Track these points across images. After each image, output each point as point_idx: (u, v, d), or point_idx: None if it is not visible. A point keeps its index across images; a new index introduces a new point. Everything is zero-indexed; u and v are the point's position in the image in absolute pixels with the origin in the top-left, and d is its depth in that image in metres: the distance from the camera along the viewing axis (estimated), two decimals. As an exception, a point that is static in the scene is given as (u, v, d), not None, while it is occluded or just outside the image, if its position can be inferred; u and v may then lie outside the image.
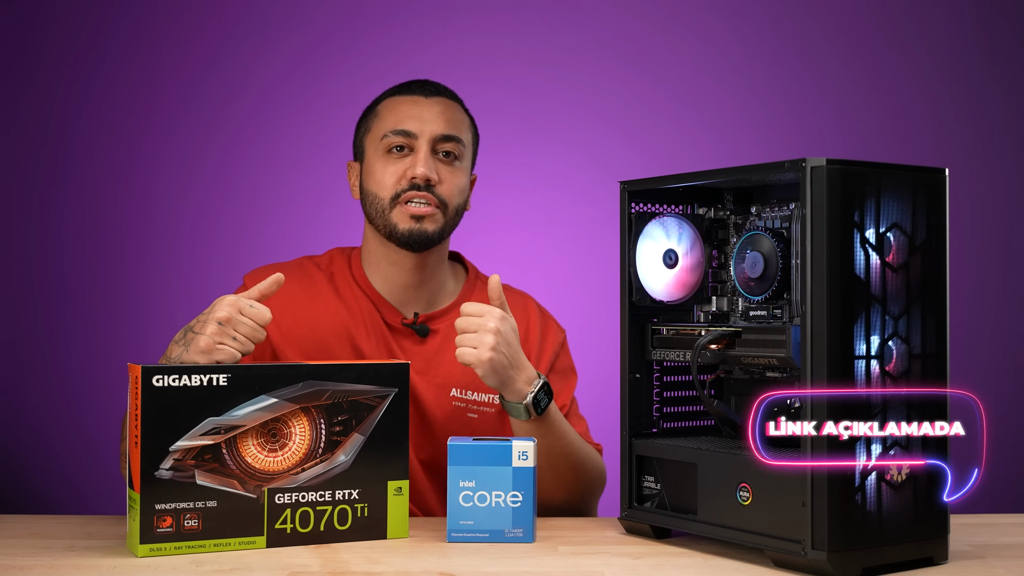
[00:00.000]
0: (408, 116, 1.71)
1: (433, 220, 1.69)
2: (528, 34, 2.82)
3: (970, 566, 1.35)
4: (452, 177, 1.71)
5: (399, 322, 1.73)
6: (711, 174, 1.44)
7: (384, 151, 1.71)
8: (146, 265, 2.74)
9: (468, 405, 1.73)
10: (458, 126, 1.74)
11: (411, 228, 1.68)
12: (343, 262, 1.79)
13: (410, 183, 1.68)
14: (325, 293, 1.74)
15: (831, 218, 1.28)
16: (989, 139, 2.88)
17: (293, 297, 1.73)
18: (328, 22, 2.79)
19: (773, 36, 2.87)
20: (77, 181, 2.73)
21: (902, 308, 1.33)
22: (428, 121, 1.70)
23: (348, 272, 1.77)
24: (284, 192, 2.76)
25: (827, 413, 1.26)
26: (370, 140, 1.74)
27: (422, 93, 1.74)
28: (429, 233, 1.69)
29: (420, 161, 1.68)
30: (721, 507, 1.39)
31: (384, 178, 1.70)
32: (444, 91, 1.77)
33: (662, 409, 1.56)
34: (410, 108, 1.72)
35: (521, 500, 1.44)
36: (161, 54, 2.75)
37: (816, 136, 2.84)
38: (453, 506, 1.44)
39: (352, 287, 1.75)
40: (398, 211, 1.68)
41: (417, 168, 1.67)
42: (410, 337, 1.73)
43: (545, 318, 1.85)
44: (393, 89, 1.78)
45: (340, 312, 1.72)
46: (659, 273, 1.52)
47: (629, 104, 2.84)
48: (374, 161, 1.72)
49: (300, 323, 1.71)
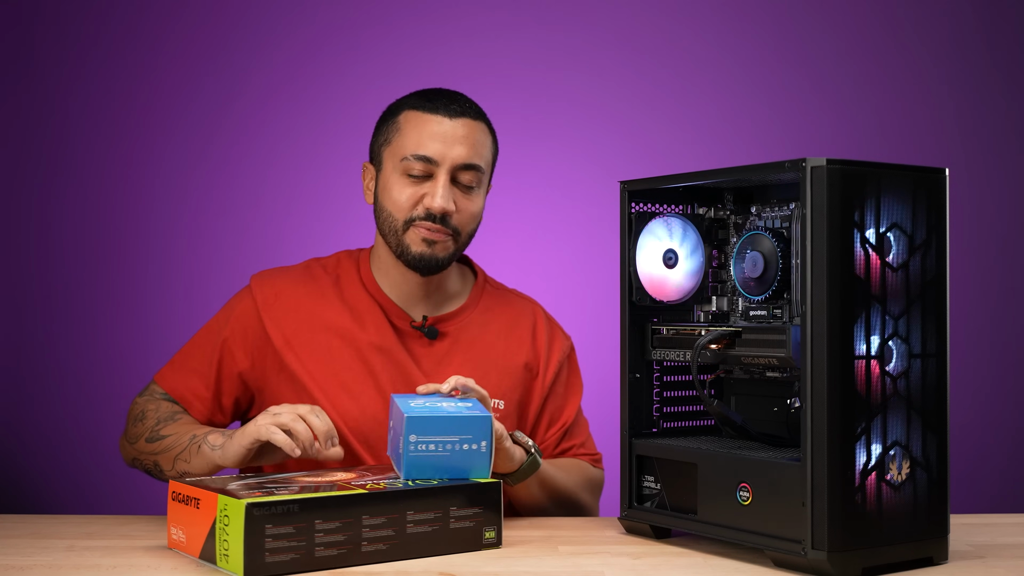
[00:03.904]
0: (431, 138, 1.65)
1: (444, 247, 1.68)
2: (528, 34, 2.82)
3: (970, 566, 1.35)
4: (468, 206, 1.69)
5: (408, 325, 1.73)
6: (711, 174, 1.44)
7: (403, 172, 1.67)
8: (146, 265, 2.74)
9: None
10: (480, 151, 1.69)
11: (422, 252, 1.67)
12: (351, 265, 1.77)
13: (426, 212, 1.65)
14: (329, 296, 1.73)
15: (831, 218, 1.28)
16: (989, 139, 2.88)
17: (297, 301, 1.72)
18: (328, 22, 2.79)
19: (773, 36, 2.87)
20: (77, 181, 2.73)
21: (902, 308, 1.33)
22: (450, 147, 1.65)
23: (356, 275, 1.76)
24: (284, 192, 2.76)
25: (827, 413, 1.27)
26: (389, 154, 1.70)
27: (447, 113, 1.67)
28: (440, 259, 1.68)
29: (438, 194, 1.64)
30: (721, 507, 1.39)
31: (400, 199, 1.67)
32: (469, 110, 1.69)
33: (662, 409, 1.56)
34: (434, 129, 1.66)
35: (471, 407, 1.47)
36: (161, 54, 2.75)
37: (816, 136, 2.84)
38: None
39: (359, 290, 1.74)
40: (411, 233, 1.67)
41: (435, 201, 1.64)
42: (419, 340, 1.73)
43: (552, 325, 1.84)
44: (417, 98, 1.71)
45: (344, 316, 1.72)
46: (659, 273, 1.53)
47: (629, 104, 2.84)
48: (391, 178, 1.69)
49: (303, 328, 1.70)
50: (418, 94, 1.72)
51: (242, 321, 1.72)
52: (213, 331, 1.74)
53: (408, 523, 1.35)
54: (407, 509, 1.35)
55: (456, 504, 1.39)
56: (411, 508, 1.35)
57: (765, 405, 1.50)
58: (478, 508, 1.40)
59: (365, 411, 1.67)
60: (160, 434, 1.63)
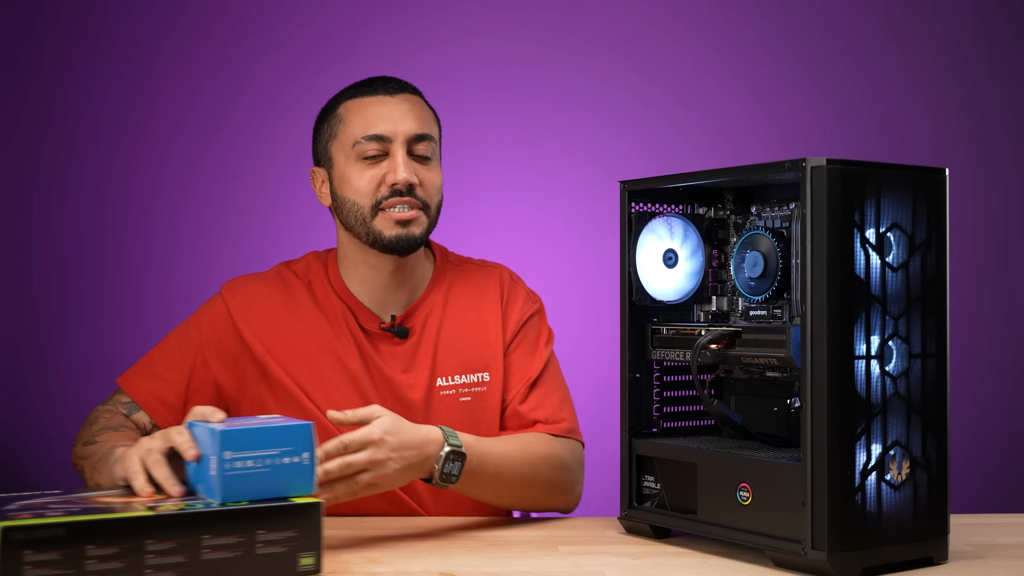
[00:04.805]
0: (377, 118, 1.66)
1: (418, 223, 1.66)
2: (528, 34, 2.82)
3: (970, 566, 1.35)
4: (430, 177, 1.67)
5: (376, 327, 1.71)
6: (711, 174, 1.44)
7: (357, 157, 1.66)
8: (146, 265, 2.74)
9: (458, 390, 1.70)
10: (428, 123, 1.69)
11: (398, 234, 1.64)
12: (319, 268, 1.75)
13: (391, 189, 1.64)
14: (305, 304, 1.71)
15: (831, 218, 1.28)
16: (989, 139, 2.88)
17: (273, 310, 1.70)
18: (328, 22, 2.79)
19: (773, 36, 2.87)
20: (77, 181, 2.73)
21: (902, 308, 1.33)
22: (399, 122, 1.66)
23: (325, 279, 1.73)
24: (284, 192, 2.76)
25: (827, 413, 1.27)
26: (338, 146, 1.68)
27: (386, 92, 1.68)
28: (416, 236, 1.66)
29: (399, 167, 1.63)
30: (721, 507, 1.39)
31: (361, 185, 1.65)
32: (407, 87, 1.71)
33: (662, 409, 1.56)
34: (378, 109, 1.67)
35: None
36: (161, 54, 2.75)
37: (816, 136, 2.85)
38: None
39: (329, 294, 1.72)
40: (381, 218, 1.65)
41: (398, 174, 1.63)
42: (389, 340, 1.71)
43: (514, 289, 1.79)
44: (351, 89, 1.72)
45: (321, 323, 1.70)
46: (659, 273, 1.53)
47: (629, 104, 2.84)
48: (347, 168, 1.67)
49: (281, 336, 1.69)
50: (351, 86, 1.73)
51: (216, 329, 1.69)
52: (184, 338, 1.70)
53: (204, 549, 1.18)
54: (202, 534, 1.18)
55: (264, 527, 1.21)
56: (207, 532, 1.18)
57: (765, 405, 1.50)
58: (292, 531, 1.23)
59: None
60: (95, 439, 1.58)
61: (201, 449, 1.29)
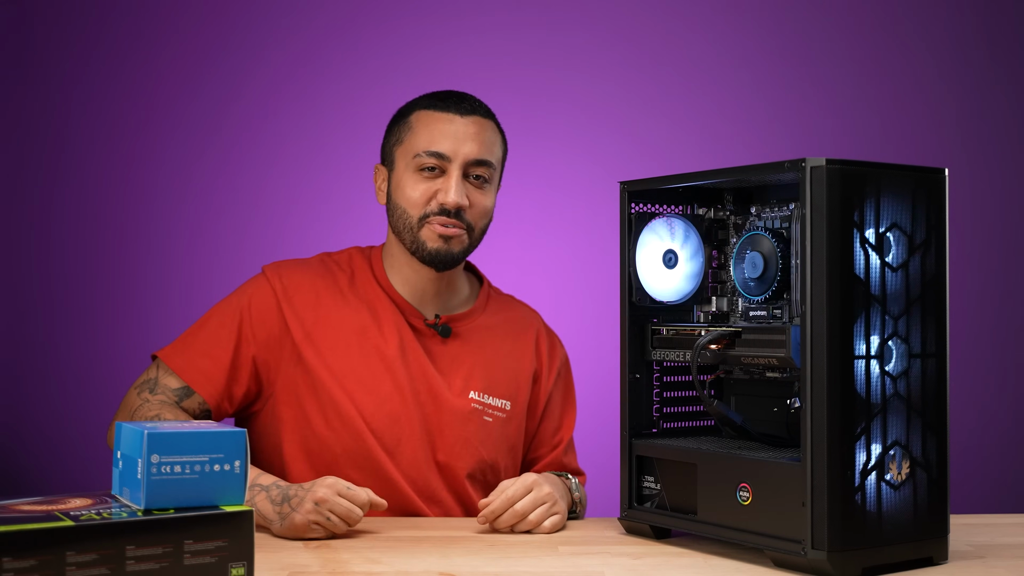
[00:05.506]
0: (442, 136, 1.69)
1: (459, 241, 1.70)
2: (528, 34, 2.82)
3: (970, 566, 1.35)
4: (480, 200, 1.71)
5: (422, 323, 1.74)
6: (711, 174, 1.44)
7: (416, 168, 1.70)
8: (146, 265, 2.74)
9: (485, 408, 1.74)
10: (491, 148, 1.73)
11: (438, 248, 1.68)
12: (363, 263, 1.78)
13: (440, 207, 1.68)
14: (347, 293, 1.74)
15: (831, 218, 1.28)
16: (989, 139, 2.88)
17: (317, 295, 1.73)
18: (328, 22, 2.79)
19: (773, 36, 2.87)
20: (77, 181, 2.73)
21: (902, 308, 1.33)
22: (462, 143, 1.69)
23: (369, 273, 1.77)
24: (284, 192, 2.76)
25: (827, 413, 1.27)
26: (401, 153, 1.72)
27: (457, 111, 1.71)
28: (455, 254, 1.70)
29: (451, 189, 1.67)
30: (721, 507, 1.39)
31: (414, 196, 1.69)
32: (479, 109, 1.74)
33: (662, 409, 1.56)
34: (445, 127, 1.70)
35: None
36: (161, 54, 2.75)
37: (816, 136, 2.85)
38: None
39: (374, 288, 1.75)
40: (427, 230, 1.69)
41: (449, 196, 1.67)
42: (433, 338, 1.75)
43: (551, 334, 1.87)
44: (428, 99, 1.75)
45: (362, 312, 1.73)
46: (659, 273, 1.53)
47: (629, 104, 2.84)
48: (404, 176, 1.71)
49: (322, 321, 1.71)
50: (429, 95, 1.75)
51: (260, 308, 1.70)
52: (227, 315, 1.70)
53: (128, 560, 1.12)
54: (126, 544, 1.13)
55: (192, 536, 1.16)
56: (132, 542, 1.13)
57: (765, 405, 1.50)
58: (222, 540, 1.17)
59: (382, 406, 1.67)
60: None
61: (129, 451, 1.24)
